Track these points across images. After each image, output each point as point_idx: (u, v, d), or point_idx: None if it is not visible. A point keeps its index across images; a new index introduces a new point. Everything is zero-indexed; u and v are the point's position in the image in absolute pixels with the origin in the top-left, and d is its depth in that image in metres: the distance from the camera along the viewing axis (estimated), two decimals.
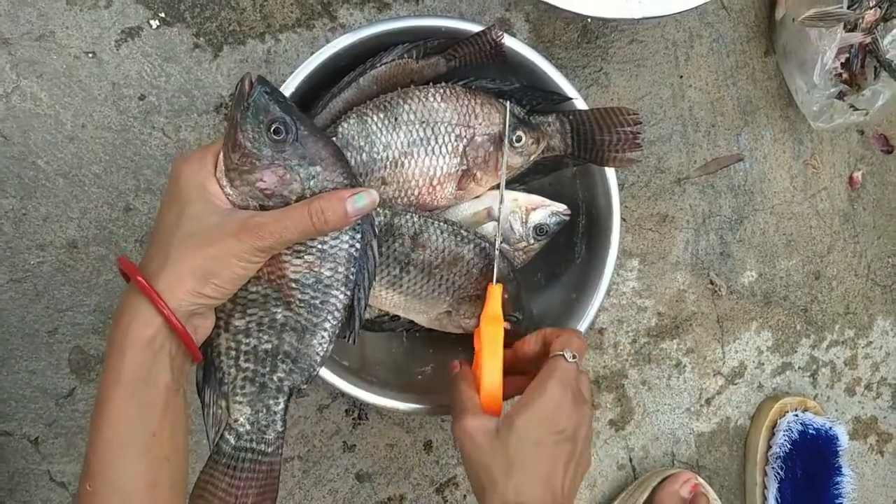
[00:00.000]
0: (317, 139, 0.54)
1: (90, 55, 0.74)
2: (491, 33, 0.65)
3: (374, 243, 0.57)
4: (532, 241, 0.70)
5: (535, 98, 0.69)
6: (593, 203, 0.74)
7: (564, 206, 0.70)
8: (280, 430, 0.56)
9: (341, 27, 0.78)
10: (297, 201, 0.53)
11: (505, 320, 0.69)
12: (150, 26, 0.75)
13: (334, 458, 0.82)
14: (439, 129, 0.66)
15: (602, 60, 0.84)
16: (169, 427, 0.51)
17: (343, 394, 0.70)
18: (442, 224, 0.66)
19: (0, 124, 0.73)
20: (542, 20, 0.82)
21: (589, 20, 0.83)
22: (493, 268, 0.65)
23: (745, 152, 0.88)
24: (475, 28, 0.66)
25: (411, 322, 0.71)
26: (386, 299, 0.68)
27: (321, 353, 0.57)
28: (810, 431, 0.87)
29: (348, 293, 0.56)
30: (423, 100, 0.66)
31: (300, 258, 0.54)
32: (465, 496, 0.85)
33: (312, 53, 0.65)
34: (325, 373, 0.67)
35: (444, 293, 0.67)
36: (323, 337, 0.56)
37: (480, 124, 0.67)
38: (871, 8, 0.78)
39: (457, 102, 0.66)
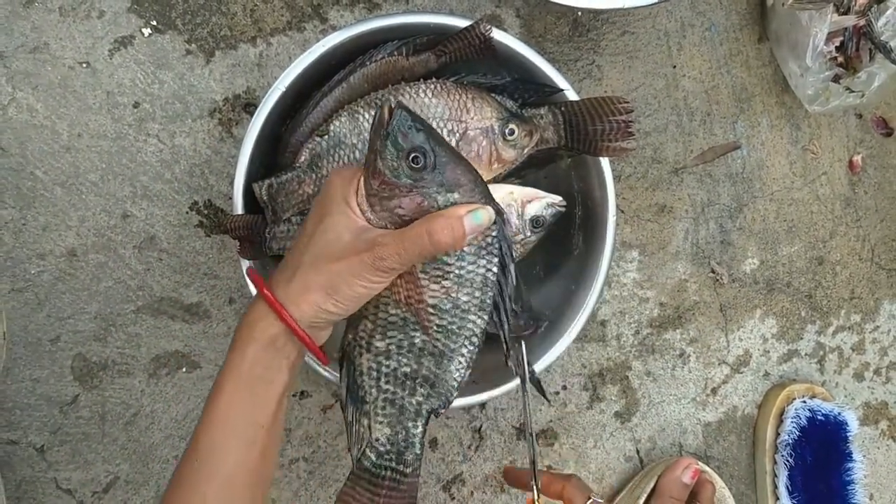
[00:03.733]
0: (455, 165, 0.53)
1: (84, 65, 0.75)
2: (479, 28, 0.65)
3: (512, 267, 0.56)
4: (529, 234, 0.70)
5: (526, 91, 0.69)
6: (589, 194, 0.74)
7: (560, 198, 0.70)
8: (418, 452, 0.57)
9: (332, 29, 0.78)
10: None
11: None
12: (143, 34, 0.75)
13: (339, 458, 0.82)
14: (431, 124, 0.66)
15: (594, 53, 0.84)
16: (277, 425, 0.53)
17: None
18: None
19: None
20: (532, 15, 0.82)
21: (579, 13, 0.83)
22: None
23: (741, 140, 0.88)
24: (463, 23, 0.66)
25: None
26: None
27: (458, 379, 0.57)
28: (819, 418, 0.86)
29: (485, 317, 0.56)
30: (415, 96, 0.66)
31: (437, 283, 0.54)
32: (471, 493, 0.85)
33: None
34: (327, 372, 0.67)
35: None
36: (460, 363, 0.56)
37: (472, 118, 0.67)
38: None
39: (448, 98, 0.67)
